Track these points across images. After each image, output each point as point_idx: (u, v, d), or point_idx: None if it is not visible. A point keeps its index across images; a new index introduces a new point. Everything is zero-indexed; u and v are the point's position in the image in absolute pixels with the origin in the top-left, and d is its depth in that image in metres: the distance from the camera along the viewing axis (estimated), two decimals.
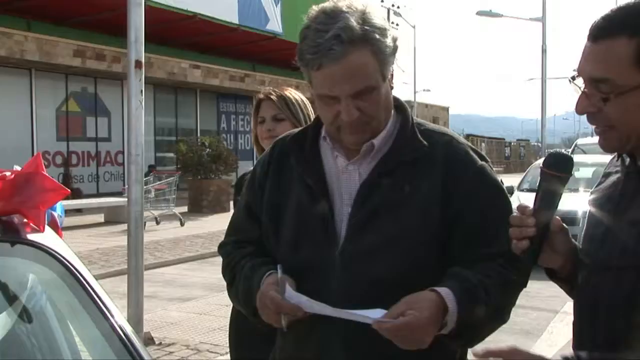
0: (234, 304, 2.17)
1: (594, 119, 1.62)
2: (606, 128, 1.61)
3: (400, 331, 1.66)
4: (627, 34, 1.51)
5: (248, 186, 2.14)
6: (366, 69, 1.81)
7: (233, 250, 2.09)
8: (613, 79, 1.53)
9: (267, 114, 3.14)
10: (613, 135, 1.61)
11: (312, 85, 1.91)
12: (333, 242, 1.88)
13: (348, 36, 1.77)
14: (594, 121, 1.63)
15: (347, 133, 1.88)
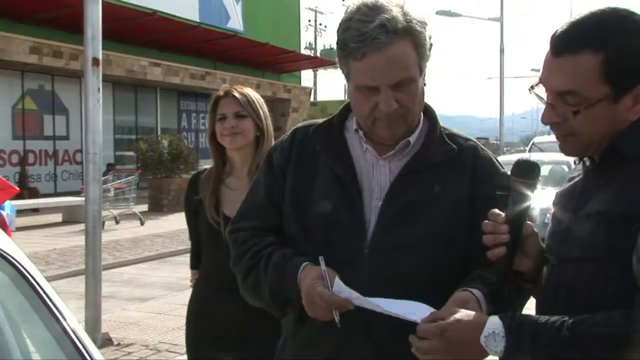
0: (248, 294, 2.09)
1: (557, 128, 1.69)
2: (568, 137, 1.68)
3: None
4: (591, 49, 1.57)
5: (266, 170, 2.11)
6: (407, 60, 1.85)
7: (252, 237, 2.04)
8: (580, 92, 1.59)
9: (228, 111, 3.12)
10: (574, 141, 1.68)
11: (349, 77, 1.92)
12: (362, 234, 1.90)
13: (393, 26, 1.80)
14: (557, 130, 1.70)
15: (384, 126, 1.90)
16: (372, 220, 1.92)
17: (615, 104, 1.60)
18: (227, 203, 3.13)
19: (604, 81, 1.58)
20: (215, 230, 3.08)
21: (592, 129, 1.63)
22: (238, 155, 3.18)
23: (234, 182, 3.19)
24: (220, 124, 3.13)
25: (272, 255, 1.95)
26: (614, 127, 1.63)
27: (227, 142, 3.14)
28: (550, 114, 1.67)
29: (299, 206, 1.99)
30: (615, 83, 1.58)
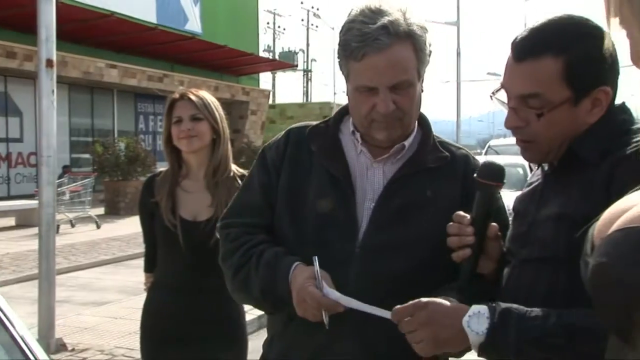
0: (236, 291, 2.08)
1: (519, 133, 1.73)
2: (528, 142, 1.72)
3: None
4: (551, 53, 1.63)
5: (260, 168, 2.11)
6: (407, 63, 1.89)
7: (243, 234, 2.04)
8: (543, 95, 1.64)
9: (184, 114, 3.11)
10: (535, 148, 1.73)
11: (349, 78, 1.95)
12: (354, 234, 1.93)
13: (394, 29, 1.85)
14: (519, 135, 1.74)
15: (380, 128, 1.93)
16: (364, 221, 1.94)
17: (575, 107, 1.65)
18: (183, 206, 3.12)
19: (565, 84, 1.63)
20: (171, 233, 3.07)
21: (552, 133, 1.67)
22: (194, 158, 3.17)
23: (190, 185, 3.17)
24: (176, 126, 3.12)
25: (263, 253, 1.96)
26: (573, 131, 1.67)
27: (183, 145, 3.12)
28: (514, 119, 1.71)
29: (293, 205, 2.01)
30: (576, 86, 1.63)
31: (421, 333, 1.62)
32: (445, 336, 1.61)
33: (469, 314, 1.58)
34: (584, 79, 1.64)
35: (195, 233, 3.06)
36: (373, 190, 1.98)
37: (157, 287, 3.23)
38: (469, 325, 1.56)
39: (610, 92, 1.66)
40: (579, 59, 1.63)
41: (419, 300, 1.64)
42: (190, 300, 3.09)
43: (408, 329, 1.63)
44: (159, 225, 3.14)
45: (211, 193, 3.12)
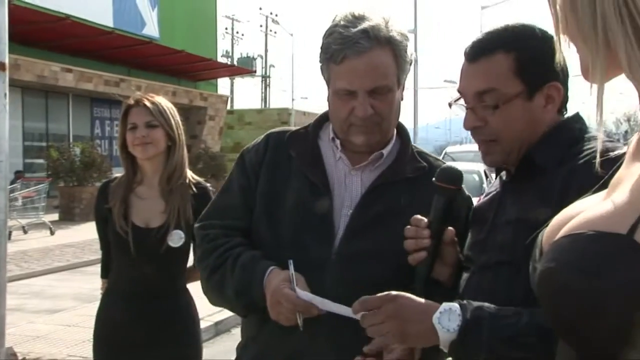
0: (210, 292, 2.07)
1: (479, 133, 1.77)
2: (490, 142, 1.76)
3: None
4: (502, 50, 1.71)
5: (239, 171, 2.11)
6: (386, 68, 1.91)
7: (221, 236, 2.03)
8: (498, 89, 1.70)
9: (139, 121, 3.08)
10: (497, 149, 1.76)
11: (329, 82, 1.97)
12: (330, 240, 1.93)
13: (375, 34, 1.88)
14: (479, 135, 1.78)
15: (358, 132, 1.95)
16: (341, 228, 1.96)
17: (530, 101, 1.72)
18: (136, 212, 3.10)
19: (517, 79, 1.70)
20: (122, 239, 3.04)
21: (511, 129, 1.72)
22: (149, 165, 3.14)
23: (144, 192, 3.15)
24: (131, 133, 3.09)
25: (240, 256, 1.96)
26: (532, 129, 1.73)
27: (138, 151, 3.10)
28: (472, 118, 1.76)
29: (271, 209, 2.01)
30: (528, 80, 1.71)
31: (388, 326, 1.59)
32: (414, 331, 1.59)
33: (440, 310, 1.56)
34: (534, 73, 1.71)
35: (147, 240, 3.03)
36: (351, 198, 1.99)
37: (109, 294, 3.20)
38: (440, 322, 1.55)
39: (562, 89, 1.74)
40: (528, 55, 1.71)
41: (387, 292, 1.62)
42: (142, 308, 3.06)
43: (374, 321, 1.61)
44: (111, 231, 3.11)
45: (165, 200, 3.10)
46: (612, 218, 0.91)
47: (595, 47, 0.95)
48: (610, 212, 0.92)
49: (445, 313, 1.55)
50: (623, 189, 0.95)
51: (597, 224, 0.92)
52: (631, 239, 0.87)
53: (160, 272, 3.08)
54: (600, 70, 0.95)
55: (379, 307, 1.60)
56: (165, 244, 3.01)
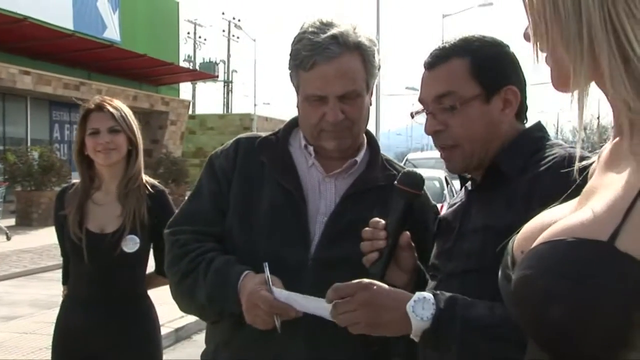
0: (180, 298, 2.04)
1: (440, 138, 1.81)
2: (452, 148, 1.79)
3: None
4: (458, 56, 1.78)
5: (209, 176, 2.09)
6: (355, 73, 1.93)
7: (193, 242, 2.00)
8: (455, 91, 1.76)
9: (102, 126, 3.04)
10: (458, 153, 1.79)
11: (299, 89, 1.97)
12: (307, 247, 1.94)
13: (344, 39, 1.89)
14: (441, 140, 1.81)
15: (330, 137, 1.96)
16: (317, 234, 1.96)
17: (487, 104, 1.77)
18: (92, 218, 3.06)
19: (474, 81, 1.76)
20: (77, 246, 3.00)
21: (471, 132, 1.75)
22: (108, 171, 3.11)
23: (101, 197, 3.11)
24: (92, 138, 3.04)
25: (214, 260, 1.94)
26: (491, 132, 1.77)
27: (100, 158, 3.05)
28: (433, 123, 1.79)
29: (244, 216, 2.00)
30: (484, 83, 1.76)
31: (361, 314, 1.59)
32: (387, 320, 1.59)
33: (414, 299, 1.57)
34: (490, 77, 1.77)
35: (101, 245, 3.00)
36: (325, 205, 2.00)
37: (68, 301, 3.16)
38: (414, 311, 1.55)
39: (519, 93, 1.79)
40: (483, 59, 1.78)
41: (360, 280, 1.62)
42: (101, 315, 3.02)
43: (346, 308, 1.60)
44: (66, 238, 3.08)
45: (121, 204, 3.06)
46: (592, 225, 0.92)
47: (580, 54, 0.95)
48: (590, 219, 0.92)
49: (419, 302, 1.56)
50: (601, 197, 0.96)
51: (577, 231, 0.92)
52: (612, 246, 0.88)
53: (118, 278, 3.05)
54: (584, 78, 0.96)
55: (353, 295, 1.60)
56: (120, 249, 2.98)
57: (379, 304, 1.59)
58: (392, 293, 1.62)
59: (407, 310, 1.55)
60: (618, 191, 0.93)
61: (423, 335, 1.56)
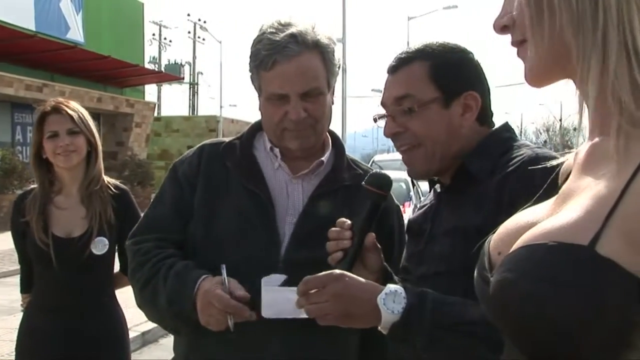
0: (144, 305, 2.03)
1: (400, 139, 1.82)
2: (412, 148, 1.80)
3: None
4: (419, 60, 1.81)
5: (172, 183, 2.07)
6: (316, 71, 1.93)
7: (154, 249, 1.99)
8: (414, 94, 1.77)
9: (60, 128, 3.00)
10: (419, 153, 1.80)
11: (260, 89, 1.97)
12: (277, 249, 1.94)
13: (302, 38, 1.90)
14: (400, 141, 1.83)
15: (293, 137, 1.96)
16: (286, 236, 1.96)
17: (447, 109, 1.79)
18: (56, 223, 3.02)
19: (433, 85, 1.78)
20: (43, 252, 2.96)
21: (430, 133, 1.77)
22: (68, 174, 3.07)
23: (63, 201, 3.07)
24: (51, 141, 3.00)
25: (174, 265, 1.92)
26: (451, 136, 1.78)
27: (60, 160, 3.01)
28: (391, 125, 1.81)
29: (210, 219, 1.98)
30: (443, 88, 1.78)
31: (333, 305, 1.58)
32: (357, 312, 1.58)
33: (385, 292, 1.57)
34: (450, 81, 1.79)
35: (69, 250, 2.96)
36: (294, 206, 2.01)
37: (33, 309, 3.10)
38: (385, 304, 1.55)
39: (479, 99, 1.80)
40: (444, 63, 1.80)
41: (331, 271, 1.61)
42: (68, 321, 2.98)
43: (318, 299, 1.59)
44: (30, 245, 3.02)
45: (85, 206, 3.03)
46: (572, 229, 0.92)
47: (592, 40, 0.95)
48: (570, 223, 0.93)
49: (390, 295, 1.56)
50: (580, 200, 0.96)
51: (557, 235, 0.93)
52: (592, 250, 0.88)
53: (87, 282, 3.01)
54: (594, 62, 0.95)
55: (324, 286, 1.59)
56: (89, 251, 2.94)
57: (351, 295, 1.58)
58: (364, 285, 1.61)
59: (378, 303, 1.55)
60: (598, 195, 0.93)
61: (392, 328, 1.56)
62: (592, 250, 0.88)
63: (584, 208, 0.93)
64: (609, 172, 0.95)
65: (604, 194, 0.92)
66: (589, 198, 0.95)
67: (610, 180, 0.93)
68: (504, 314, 0.97)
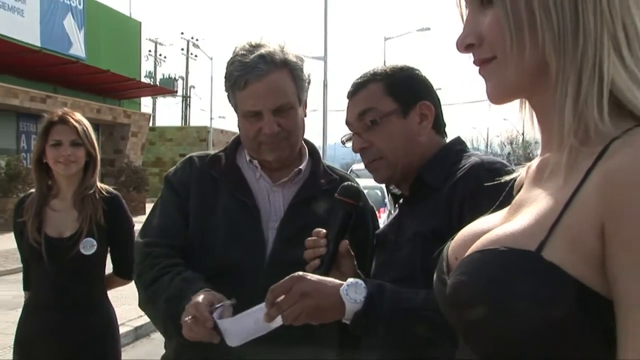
0: (145, 304, 1.98)
1: (367, 154, 1.85)
2: (377, 160, 1.82)
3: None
4: (373, 81, 1.85)
5: (171, 192, 2.05)
6: (286, 88, 1.93)
7: (166, 254, 1.95)
8: (375, 107, 1.80)
9: (64, 138, 2.98)
10: (383, 164, 1.82)
11: (237, 108, 1.96)
12: (262, 252, 1.92)
13: (271, 58, 1.90)
14: (367, 155, 1.85)
15: (268, 150, 1.95)
16: (270, 239, 1.95)
17: (405, 118, 1.82)
18: (50, 224, 2.99)
19: (390, 98, 1.81)
20: (36, 250, 2.93)
21: (393, 144, 1.80)
22: (66, 180, 3.04)
23: (58, 204, 3.04)
24: (54, 149, 2.98)
25: (182, 272, 1.88)
26: (411, 144, 1.81)
27: (60, 168, 2.99)
28: (359, 141, 1.84)
29: (203, 226, 1.97)
30: (399, 99, 1.82)
31: (302, 304, 1.56)
32: (325, 305, 1.57)
33: (347, 283, 1.58)
34: (404, 93, 1.83)
35: (59, 248, 2.93)
36: (276, 212, 2.00)
37: (29, 306, 3.07)
38: (347, 294, 1.55)
39: (433, 108, 1.84)
40: (396, 80, 1.84)
41: (292, 275, 1.59)
42: (59, 316, 2.94)
43: (288, 303, 1.55)
44: (25, 243, 3.00)
45: (77, 209, 3.00)
46: (521, 237, 0.93)
47: (572, 59, 0.94)
48: (520, 231, 0.94)
49: (352, 286, 1.57)
50: (529, 210, 0.97)
51: (508, 241, 0.94)
52: (539, 255, 0.90)
53: (77, 280, 2.98)
54: (571, 86, 0.94)
55: (290, 289, 1.57)
56: (77, 250, 2.92)
57: (316, 291, 1.57)
58: (326, 280, 1.61)
59: (341, 294, 1.55)
60: (546, 206, 0.94)
61: (354, 317, 1.56)
62: (539, 255, 0.90)
63: (532, 217, 0.95)
64: (556, 186, 0.96)
65: (551, 205, 0.94)
66: (537, 208, 0.96)
67: (557, 193, 0.95)
68: (458, 313, 0.98)
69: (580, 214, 0.89)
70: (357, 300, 1.55)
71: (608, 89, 0.93)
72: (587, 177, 0.91)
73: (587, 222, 0.88)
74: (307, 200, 2.01)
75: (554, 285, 0.88)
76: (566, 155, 0.95)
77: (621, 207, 0.85)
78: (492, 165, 1.67)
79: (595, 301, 0.87)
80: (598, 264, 0.87)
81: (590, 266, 0.87)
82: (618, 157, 0.88)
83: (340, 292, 1.56)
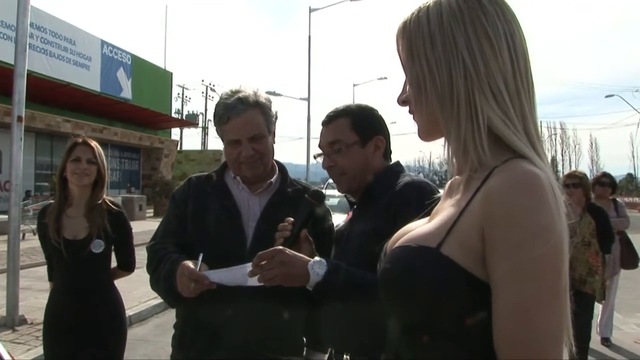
0: (153, 284, 1.90)
1: (333, 170, 1.82)
2: (340, 175, 1.80)
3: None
4: (343, 116, 1.80)
5: (174, 206, 2.01)
6: (258, 122, 1.87)
7: (164, 249, 1.90)
8: (341, 139, 1.77)
9: (83, 156, 2.84)
10: (345, 179, 1.80)
11: (222, 137, 1.91)
12: (243, 245, 1.86)
13: (246, 100, 1.86)
14: (333, 172, 1.83)
15: (247, 168, 1.90)
16: (250, 236, 1.89)
17: (363, 148, 1.78)
18: (67, 228, 2.84)
19: (353, 132, 1.77)
20: (57, 249, 2.79)
21: (353, 165, 1.77)
22: (79, 191, 2.87)
23: (72, 212, 2.87)
24: (73, 164, 2.83)
25: (172, 256, 1.85)
26: (366, 166, 1.78)
27: (75, 179, 2.83)
28: (327, 161, 1.82)
29: (199, 228, 1.92)
30: (360, 134, 1.78)
31: (279, 269, 1.52)
32: (296, 274, 1.53)
33: (313, 260, 1.55)
34: (365, 129, 1.79)
35: (75, 248, 2.79)
36: (254, 215, 1.94)
37: (53, 291, 2.90)
38: (313, 268, 1.53)
39: (385, 141, 1.81)
40: (360, 117, 1.80)
41: (275, 247, 1.58)
42: (77, 299, 2.79)
43: (269, 267, 1.53)
44: (48, 243, 2.84)
45: (87, 218, 2.84)
46: (428, 236, 0.93)
47: (450, 115, 0.94)
48: (428, 232, 0.94)
49: (317, 262, 1.54)
50: (438, 218, 0.97)
51: (419, 239, 0.94)
52: (438, 251, 0.90)
53: (89, 272, 2.82)
54: (453, 132, 0.94)
55: (273, 257, 1.54)
56: (89, 249, 2.79)
57: (291, 262, 1.54)
58: (299, 255, 1.57)
59: (308, 267, 1.53)
60: (447, 215, 0.95)
61: (316, 286, 1.53)
62: (438, 251, 0.90)
63: (438, 223, 0.95)
64: (456, 200, 0.96)
65: (450, 215, 0.94)
66: (442, 216, 0.96)
67: (455, 205, 0.95)
68: (385, 292, 0.98)
69: (469, 222, 0.89)
70: (319, 274, 1.53)
71: (485, 132, 0.91)
72: (475, 195, 0.90)
73: (473, 228, 0.88)
74: (277, 205, 1.96)
75: (448, 273, 0.88)
76: (464, 180, 0.96)
77: (493, 217, 0.85)
78: (420, 184, 1.67)
79: (478, 284, 0.87)
80: (479, 258, 0.87)
81: (475, 259, 0.87)
82: (493, 181, 0.88)
83: (308, 266, 1.53)
